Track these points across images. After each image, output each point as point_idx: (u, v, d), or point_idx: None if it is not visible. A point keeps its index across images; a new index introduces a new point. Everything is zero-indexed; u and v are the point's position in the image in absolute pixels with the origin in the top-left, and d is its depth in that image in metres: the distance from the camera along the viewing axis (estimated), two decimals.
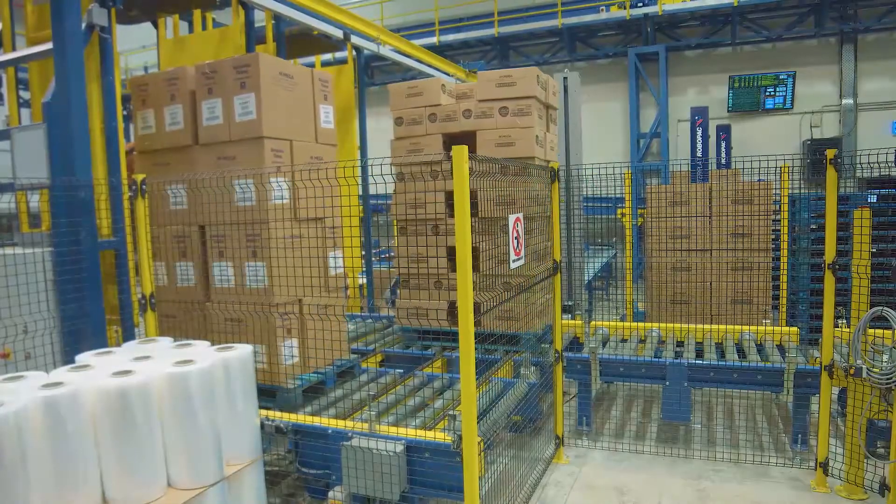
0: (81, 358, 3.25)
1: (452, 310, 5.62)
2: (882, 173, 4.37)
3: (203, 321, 4.54)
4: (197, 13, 7.07)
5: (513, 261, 3.95)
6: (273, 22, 7.49)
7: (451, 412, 3.60)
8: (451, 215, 5.36)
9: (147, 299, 4.36)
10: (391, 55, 10.61)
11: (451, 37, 16.45)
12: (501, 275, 5.28)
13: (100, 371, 2.91)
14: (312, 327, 4.50)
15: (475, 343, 3.11)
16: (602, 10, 15.03)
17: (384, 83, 9.76)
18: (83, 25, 4.82)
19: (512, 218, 3.95)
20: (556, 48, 16.20)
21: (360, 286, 8.99)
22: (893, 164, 4.00)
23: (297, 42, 8.44)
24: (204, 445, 3.02)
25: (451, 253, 5.10)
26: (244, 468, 3.35)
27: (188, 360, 3.05)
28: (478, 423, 3.27)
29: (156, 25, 7.25)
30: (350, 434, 3.61)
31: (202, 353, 3.28)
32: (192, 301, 4.60)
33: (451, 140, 5.92)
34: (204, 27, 7.13)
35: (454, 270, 5.29)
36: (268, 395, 4.35)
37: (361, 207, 8.67)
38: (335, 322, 4.69)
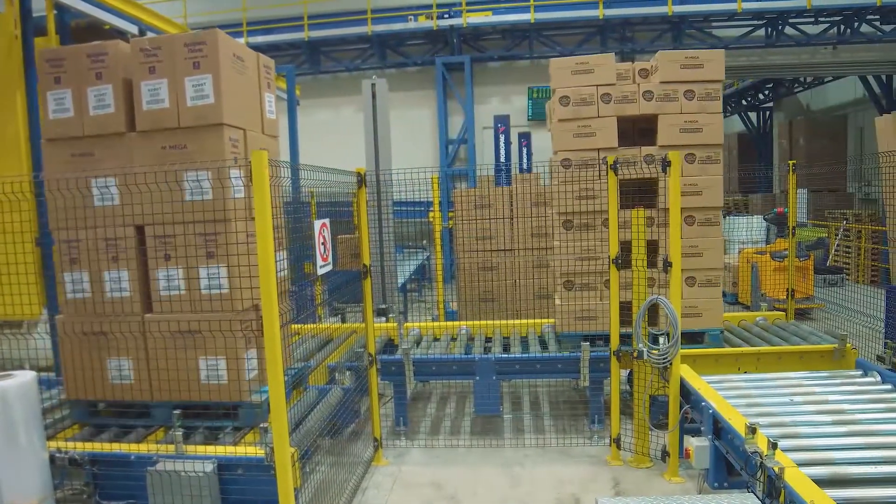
0: None
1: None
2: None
3: (142, 336, 3.97)
4: None
5: (320, 266, 3.93)
6: (55, 12, 6.79)
7: (262, 425, 3.49)
8: (624, 206, 5.12)
9: None
10: None
11: (259, 38, 15.94)
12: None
13: None
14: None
15: None
16: (410, 19, 15.42)
17: None
18: None
19: (318, 223, 3.93)
20: (366, 54, 16.34)
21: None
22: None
23: (84, 36, 7.69)
24: None
25: (626, 248, 4.82)
26: None
27: None
28: (291, 433, 3.21)
29: None
30: (155, 458, 3.40)
31: None
32: (127, 314, 3.98)
33: (627, 124, 5.52)
34: None
35: (626, 268, 5.09)
36: (229, 412, 3.99)
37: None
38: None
